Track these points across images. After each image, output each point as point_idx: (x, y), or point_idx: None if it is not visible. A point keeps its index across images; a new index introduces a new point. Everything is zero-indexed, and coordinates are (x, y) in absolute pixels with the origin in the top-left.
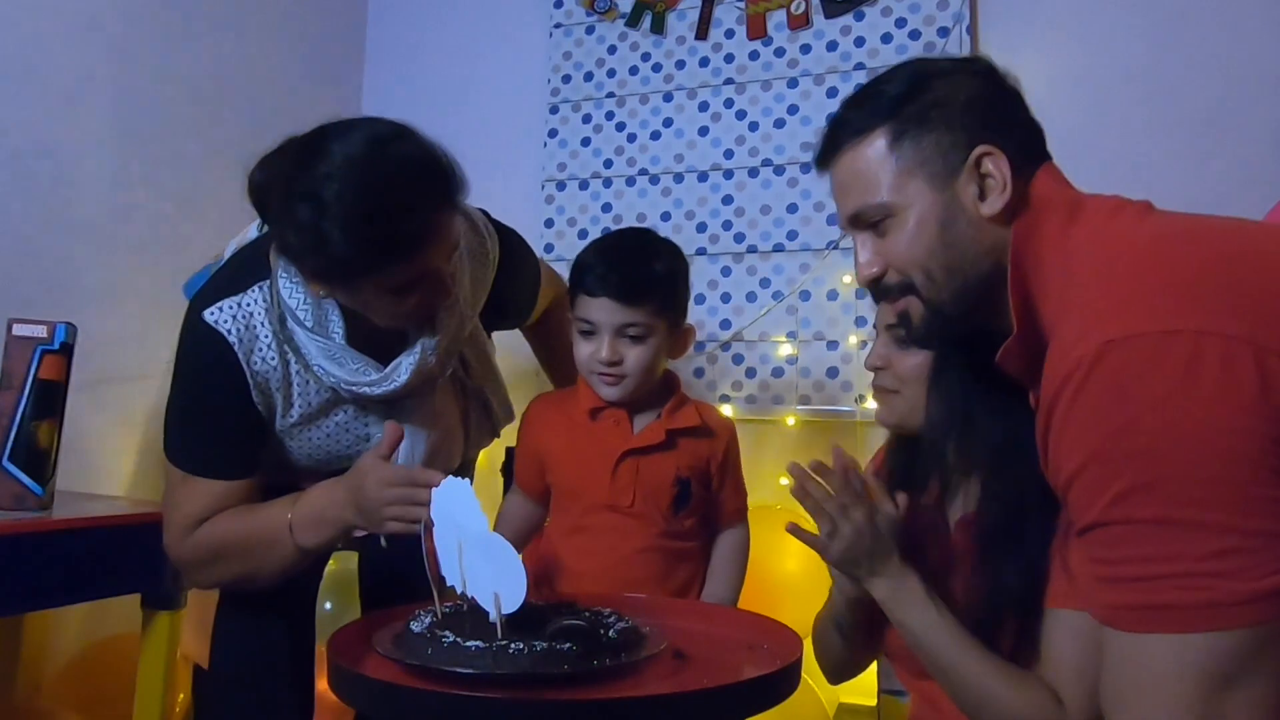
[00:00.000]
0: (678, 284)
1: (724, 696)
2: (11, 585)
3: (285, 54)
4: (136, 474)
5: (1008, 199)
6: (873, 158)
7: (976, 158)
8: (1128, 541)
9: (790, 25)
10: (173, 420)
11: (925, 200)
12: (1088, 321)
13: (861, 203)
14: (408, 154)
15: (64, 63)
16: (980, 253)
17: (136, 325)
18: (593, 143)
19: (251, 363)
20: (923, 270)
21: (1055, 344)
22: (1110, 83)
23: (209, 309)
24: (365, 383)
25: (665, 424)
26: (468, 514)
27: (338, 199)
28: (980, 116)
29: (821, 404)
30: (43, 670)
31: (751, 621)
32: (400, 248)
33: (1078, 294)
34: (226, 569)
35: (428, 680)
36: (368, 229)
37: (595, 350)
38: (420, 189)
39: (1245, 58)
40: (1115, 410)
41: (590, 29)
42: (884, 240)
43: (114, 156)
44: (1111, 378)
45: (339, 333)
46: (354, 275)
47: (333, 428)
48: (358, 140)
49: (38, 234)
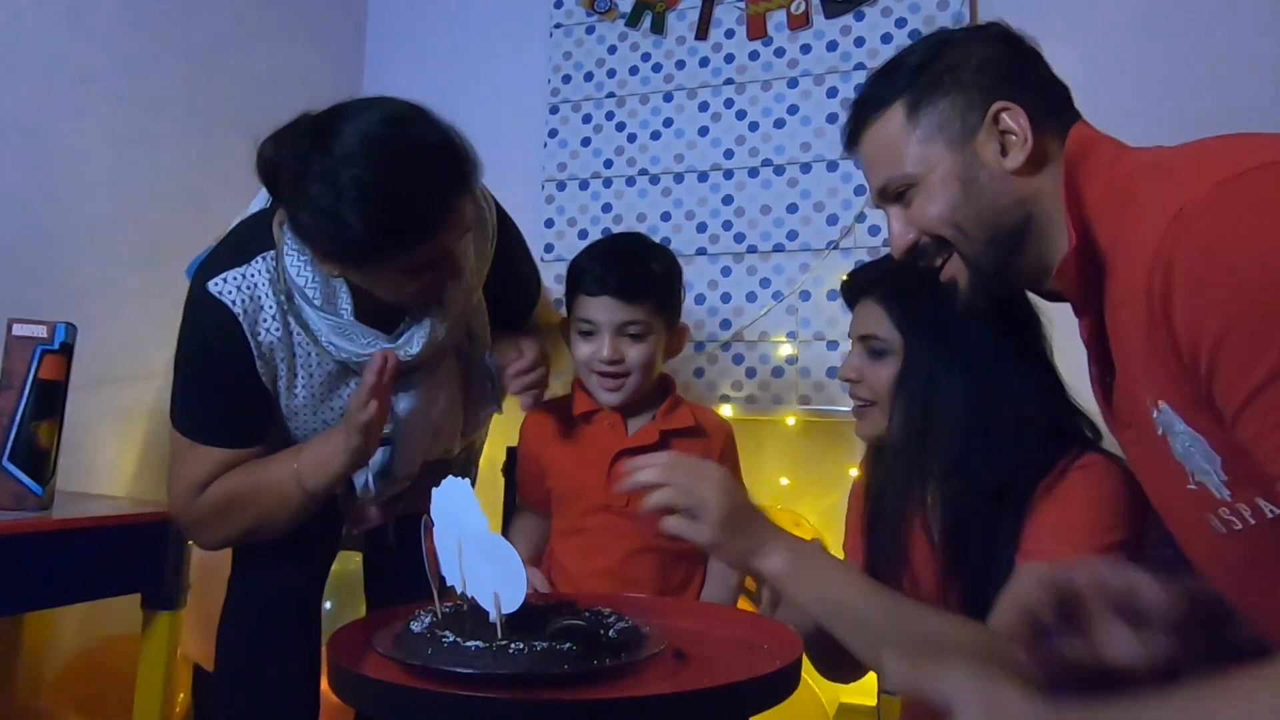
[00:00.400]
0: (674, 284)
1: (724, 696)
2: (11, 585)
3: (285, 55)
4: (136, 474)
5: (1029, 151)
6: (893, 130)
7: (994, 114)
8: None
9: (790, 25)
10: (178, 389)
11: (946, 162)
12: (1184, 179)
13: (887, 176)
14: (425, 137)
15: (63, 62)
16: (1008, 204)
17: (136, 325)
18: (593, 143)
19: (256, 333)
20: (951, 225)
21: (1142, 220)
22: (1110, 82)
23: (213, 280)
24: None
25: (659, 425)
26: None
27: (355, 182)
28: (994, 76)
29: (821, 404)
30: (43, 670)
31: (751, 621)
32: (417, 231)
33: (1153, 178)
34: (237, 520)
35: (428, 680)
36: (385, 213)
37: (596, 350)
38: (438, 173)
39: (1247, 56)
40: (1253, 251)
41: (590, 29)
42: (911, 209)
43: (114, 156)
44: (1242, 212)
45: (347, 309)
46: (369, 258)
47: (341, 407)
48: (374, 121)
49: (38, 234)
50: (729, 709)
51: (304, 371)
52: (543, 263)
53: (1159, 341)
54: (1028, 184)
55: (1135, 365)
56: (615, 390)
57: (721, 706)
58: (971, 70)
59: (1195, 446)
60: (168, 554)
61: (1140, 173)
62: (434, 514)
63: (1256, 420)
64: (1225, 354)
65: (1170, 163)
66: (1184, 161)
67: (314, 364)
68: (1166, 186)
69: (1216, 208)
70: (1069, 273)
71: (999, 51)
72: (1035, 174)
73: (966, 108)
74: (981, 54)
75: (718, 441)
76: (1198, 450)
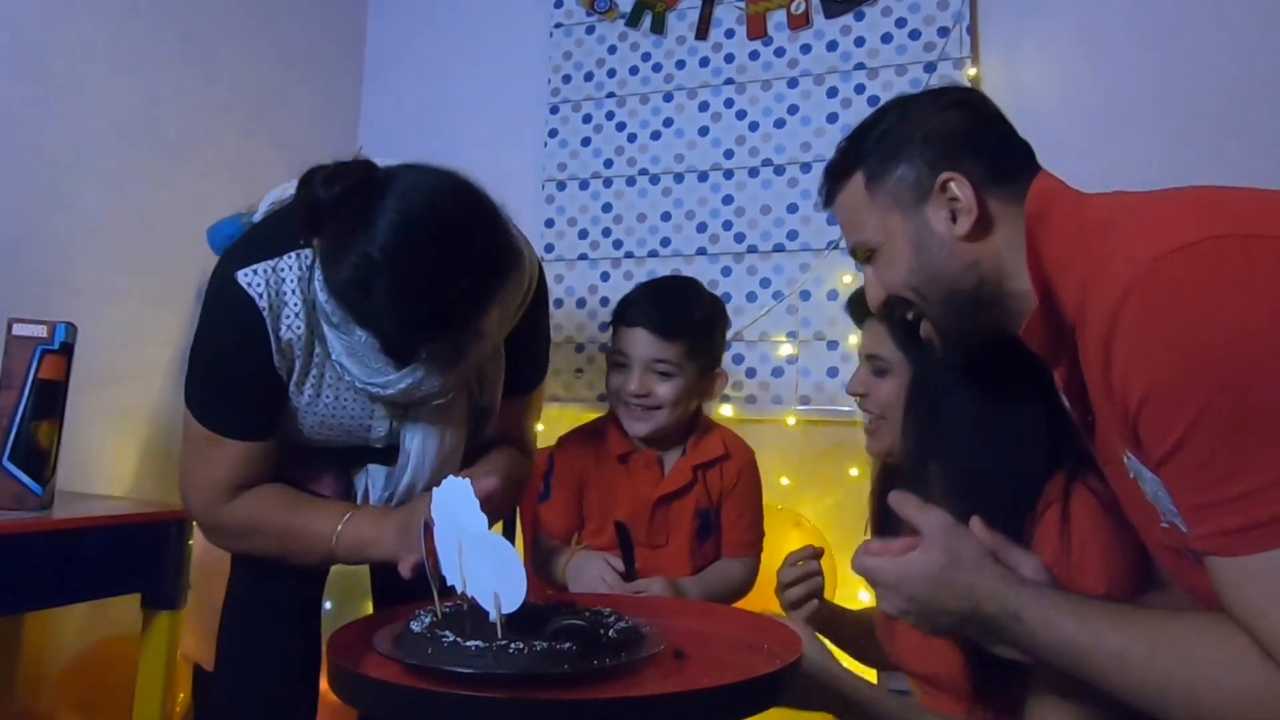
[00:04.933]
0: (713, 333)
1: (724, 696)
2: (11, 585)
3: (285, 56)
4: (136, 474)
5: (974, 218)
6: (856, 199)
7: (941, 184)
8: (1217, 458)
9: (790, 25)
10: (195, 376)
11: (901, 230)
12: (1130, 250)
13: (854, 241)
14: (467, 244)
15: (63, 61)
16: (960, 269)
17: (136, 325)
18: (593, 143)
19: (278, 329)
20: (910, 289)
21: (1097, 286)
22: (1111, 82)
23: (243, 270)
24: (379, 383)
25: (690, 460)
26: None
27: (388, 281)
28: (940, 147)
29: (821, 404)
30: (43, 670)
31: (751, 621)
32: (441, 331)
33: (1107, 241)
34: (259, 545)
35: (428, 680)
36: (413, 316)
37: (625, 381)
38: (473, 288)
39: (1248, 54)
40: (1178, 322)
41: (590, 29)
42: (876, 270)
43: (114, 156)
44: (1168, 290)
45: (363, 334)
46: (390, 339)
47: (343, 413)
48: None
49: (38, 234)
50: (729, 709)
51: (315, 371)
52: (543, 262)
53: (1107, 397)
54: (978, 249)
55: (1105, 417)
56: (643, 421)
57: (721, 706)
58: (919, 142)
59: (1161, 493)
60: (168, 554)
61: (1094, 231)
62: (434, 514)
63: (1171, 480)
64: (1146, 415)
65: (1119, 221)
66: (1130, 222)
67: (326, 370)
68: (1114, 252)
69: (1150, 283)
70: (1035, 332)
71: (952, 119)
72: (985, 237)
73: (917, 178)
74: (933, 123)
75: (735, 465)
76: (1164, 496)
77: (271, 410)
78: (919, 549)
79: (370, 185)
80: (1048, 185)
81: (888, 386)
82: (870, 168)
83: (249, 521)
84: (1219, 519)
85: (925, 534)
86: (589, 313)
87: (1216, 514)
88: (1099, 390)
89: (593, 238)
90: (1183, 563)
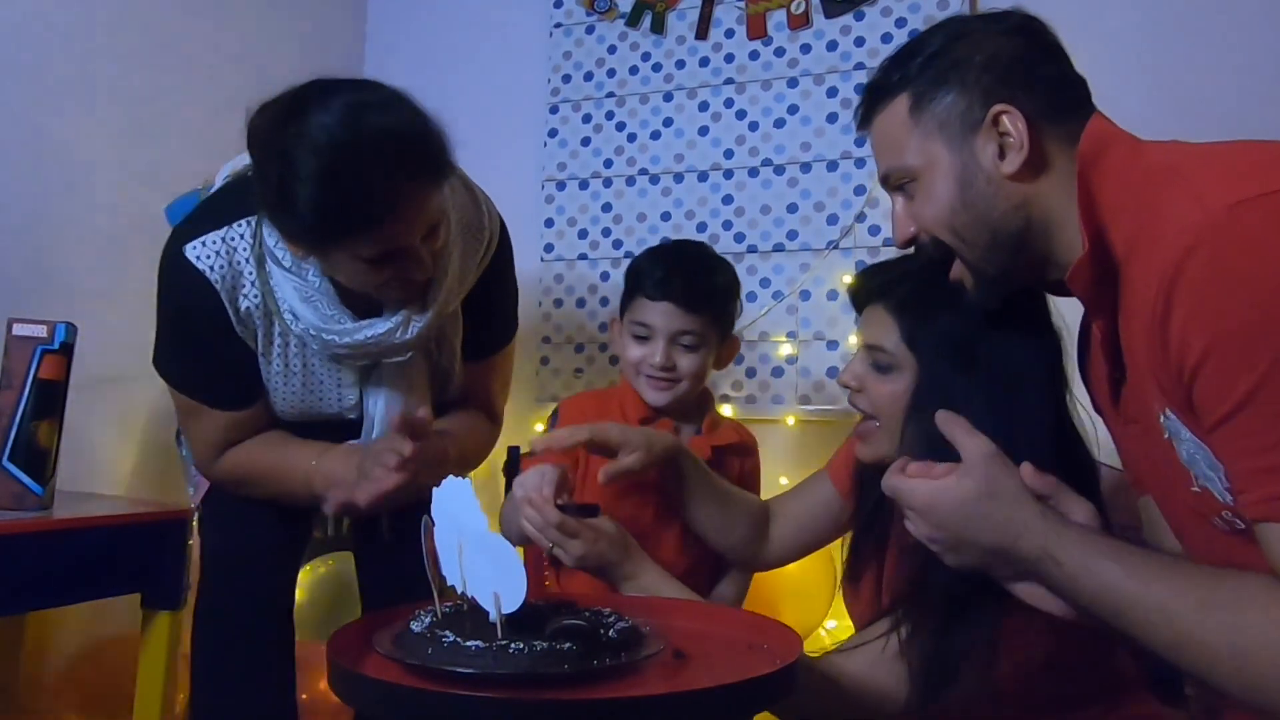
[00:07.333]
0: (733, 297)
1: (724, 696)
2: (11, 585)
3: (285, 55)
4: (136, 474)
5: (1026, 156)
6: (898, 121)
7: (993, 116)
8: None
9: (790, 25)
10: (163, 352)
11: (945, 161)
12: (1202, 195)
13: (888, 165)
14: (384, 123)
15: (63, 61)
16: (1006, 210)
17: (136, 325)
18: (593, 142)
19: (235, 300)
20: (950, 230)
21: (1157, 232)
22: (1112, 81)
23: (191, 244)
24: (336, 332)
25: (709, 440)
26: (468, 513)
27: (304, 163)
28: (999, 75)
29: (821, 404)
30: (43, 670)
31: (751, 621)
32: (364, 218)
33: (1171, 187)
34: (255, 490)
35: (428, 680)
36: (331, 198)
37: (649, 354)
38: (390, 161)
39: (1250, 52)
40: (1253, 274)
41: (590, 29)
42: (913, 204)
43: (114, 156)
44: (1242, 239)
45: (316, 278)
46: (320, 241)
47: (314, 363)
48: (337, 106)
49: (38, 234)
50: (729, 709)
51: (280, 341)
52: (543, 262)
53: (1157, 351)
54: (1027, 189)
55: (1143, 372)
56: (664, 391)
57: (721, 706)
58: (977, 68)
59: (1200, 454)
60: (168, 554)
61: (1156, 175)
62: (434, 514)
63: (1228, 442)
64: (1207, 370)
65: (1186, 167)
66: (1200, 168)
67: (290, 340)
68: (1182, 198)
69: (1227, 231)
70: (1082, 278)
71: (1010, 46)
72: (1035, 178)
73: (968, 106)
74: (990, 49)
75: (754, 460)
76: (1202, 458)
77: (248, 381)
78: (956, 474)
79: (288, 98)
80: (1103, 127)
81: (887, 386)
82: (917, 90)
83: (236, 473)
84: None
85: (966, 459)
86: (589, 313)
87: (1277, 479)
88: (1142, 341)
89: (592, 237)
90: (1209, 528)
